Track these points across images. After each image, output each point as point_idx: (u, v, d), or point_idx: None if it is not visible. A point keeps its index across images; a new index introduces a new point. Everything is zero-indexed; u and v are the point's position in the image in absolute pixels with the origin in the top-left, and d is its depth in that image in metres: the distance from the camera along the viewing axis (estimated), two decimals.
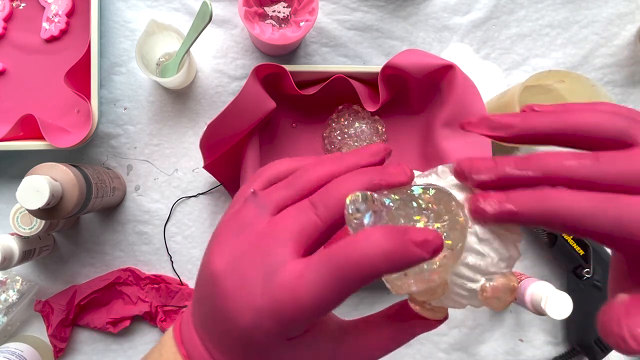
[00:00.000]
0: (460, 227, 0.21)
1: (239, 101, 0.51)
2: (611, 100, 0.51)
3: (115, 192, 0.57)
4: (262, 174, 0.26)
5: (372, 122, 0.60)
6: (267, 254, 0.21)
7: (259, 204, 0.23)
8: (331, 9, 0.63)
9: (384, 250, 0.19)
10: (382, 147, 0.25)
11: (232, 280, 0.22)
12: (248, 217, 0.23)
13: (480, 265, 0.22)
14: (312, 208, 0.22)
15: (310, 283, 0.20)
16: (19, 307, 0.59)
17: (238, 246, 0.23)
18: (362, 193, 0.21)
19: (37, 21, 0.61)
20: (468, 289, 0.22)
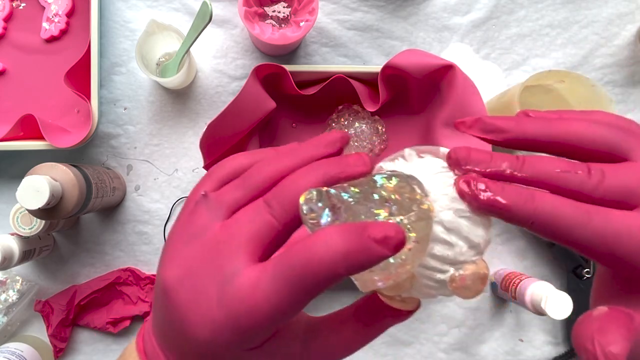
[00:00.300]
0: (426, 217, 0.20)
1: (239, 101, 0.51)
2: (611, 101, 0.51)
3: (115, 192, 0.57)
4: (213, 172, 0.24)
5: (372, 122, 0.60)
6: (220, 262, 0.20)
7: (210, 207, 0.22)
8: (331, 9, 0.63)
9: (342, 252, 0.18)
10: (339, 135, 0.23)
11: (185, 292, 0.20)
12: (199, 222, 0.22)
13: (449, 256, 0.21)
14: (267, 208, 0.20)
15: (266, 291, 0.19)
16: (19, 307, 0.59)
17: (189, 255, 0.21)
18: (316, 190, 0.19)
19: (37, 21, 0.61)
20: (437, 280, 0.21)
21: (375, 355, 0.62)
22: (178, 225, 0.23)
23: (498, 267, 0.62)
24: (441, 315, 0.62)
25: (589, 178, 0.19)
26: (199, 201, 0.22)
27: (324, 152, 0.23)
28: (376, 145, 0.60)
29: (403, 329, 0.62)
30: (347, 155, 0.22)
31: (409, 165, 0.22)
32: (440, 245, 0.21)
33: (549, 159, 0.20)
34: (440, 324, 0.62)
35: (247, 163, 0.24)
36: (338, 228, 0.18)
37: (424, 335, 0.62)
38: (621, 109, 0.63)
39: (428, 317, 0.62)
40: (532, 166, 0.20)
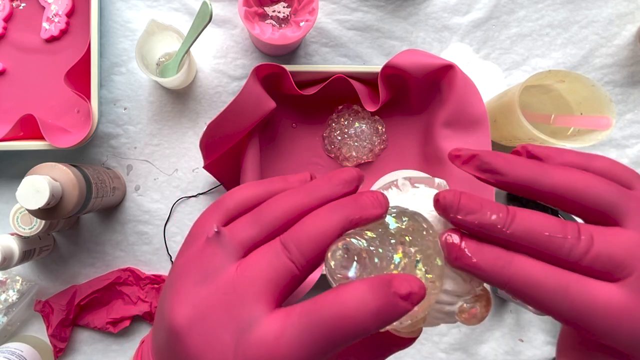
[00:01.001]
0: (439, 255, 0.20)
1: (239, 101, 0.51)
2: (611, 101, 0.51)
3: (115, 192, 0.57)
4: (222, 204, 0.23)
5: (372, 122, 0.60)
6: (237, 308, 0.19)
7: (224, 245, 0.21)
8: (331, 9, 0.63)
9: (372, 309, 0.18)
10: (355, 174, 0.23)
11: (198, 338, 0.19)
12: (212, 262, 0.21)
13: (457, 290, 0.21)
14: (285, 251, 0.20)
15: (291, 344, 0.18)
16: (19, 307, 0.59)
17: (203, 298, 0.20)
18: (342, 244, 0.19)
19: (37, 21, 0.61)
20: (446, 312, 0.22)
21: None
22: (186, 261, 0.22)
23: None
24: None
25: (577, 244, 0.19)
26: (212, 239, 0.21)
27: (341, 192, 0.22)
28: (376, 145, 0.60)
29: None
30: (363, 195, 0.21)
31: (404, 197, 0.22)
32: (450, 281, 0.21)
33: (540, 218, 0.20)
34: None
35: (257, 195, 0.23)
36: (366, 284, 0.18)
37: (424, 335, 0.62)
38: (621, 109, 0.63)
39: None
40: (520, 225, 0.19)
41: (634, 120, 0.63)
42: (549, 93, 0.57)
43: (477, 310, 0.21)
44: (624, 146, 0.63)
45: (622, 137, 0.63)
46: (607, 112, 0.51)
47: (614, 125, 0.50)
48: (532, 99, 0.58)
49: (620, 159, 0.63)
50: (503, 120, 0.55)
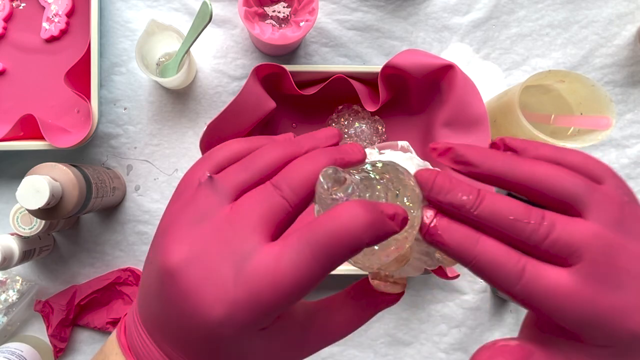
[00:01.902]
0: (416, 194, 0.22)
1: (239, 101, 0.51)
2: (611, 101, 0.51)
3: (115, 192, 0.57)
4: (212, 155, 0.24)
5: (372, 122, 0.60)
6: (234, 241, 0.20)
7: (216, 189, 0.21)
8: (331, 9, 0.63)
9: (364, 222, 0.19)
10: (335, 131, 0.25)
11: (195, 274, 0.20)
12: (206, 204, 0.21)
13: None
14: (277, 190, 0.21)
15: (291, 264, 0.19)
16: (19, 307, 0.59)
17: (198, 237, 0.20)
18: (333, 168, 0.20)
19: (37, 21, 0.61)
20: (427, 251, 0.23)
21: (376, 355, 0.62)
22: (177, 207, 0.22)
23: None
24: (441, 315, 0.62)
25: (538, 229, 0.20)
26: (204, 183, 0.22)
27: (324, 144, 0.24)
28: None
29: (403, 329, 0.62)
30: (344, 145, 0.23)
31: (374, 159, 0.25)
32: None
33: (506, 202, 0.21)
34: (440, 324, 0.62)
35: (245, 148, 0.24)
36: (358, 202, 0.19)
37: (424, 335, 0.62)
38: (621, 109, 0.63)
39: (428, 317, 0.62)
40: (488, 208, 0.21)
41: (634, 120, 0.63)
42: (549, 93, 0.57)
43: None
44: (624, 146, 0.63)
45: (622, 137, 0.63)
46: (607, 112, 0.51)
47: (614, 125, 0.50)
48: (532, 99, 0.58)
49: (620, 159, 0.63)
50: (503, 120, 0.55)
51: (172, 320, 0.21)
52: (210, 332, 0.20)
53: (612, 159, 0.63)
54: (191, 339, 0.21)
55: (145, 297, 0.23)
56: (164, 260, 0.21)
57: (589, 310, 0.20)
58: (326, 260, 0.19)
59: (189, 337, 0.21)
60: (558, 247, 0.20)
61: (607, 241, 0.20)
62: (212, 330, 0.20)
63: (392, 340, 0.62)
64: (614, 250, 0.20)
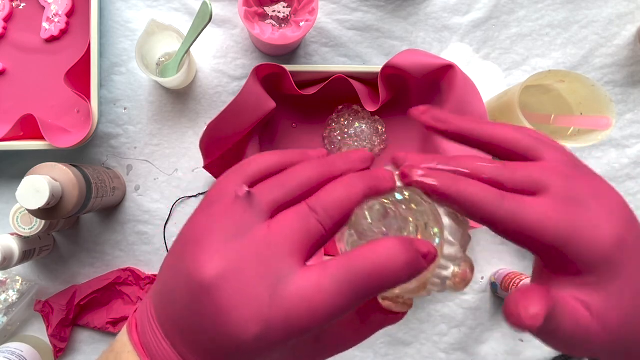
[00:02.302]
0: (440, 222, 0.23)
1: (239, 101, 0.51)
2: (611, 101, 0.51)
3: (115, 192, 0.57)
4: (245, 169, 0.24)
5: (372, 122, 0.60)
6: (271, 262, 0.20)
7: (252, 204, 0.22)
8: (331, 9, 0.63)
9: (404, 262, 0.20)
10: (368, 154, 0.25)
11: (230, 290, 0.20)
12: (243, 219, 0.21)
13: (452, 254, 0.24)
14: (313, 213, 0.21)
15: (328, 292, 0.20)
16: (19, 307, 0.59)
17: (234, 253, 0.21)
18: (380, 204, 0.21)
19: (37, 21, 0.61)
20: (441, 276, 0.24)
21: (376, 355, 0.62)
22: (212, 218, 0.22)
23: (498, 267, 0.62)
24: (441, 315, 0.62)
25: (504, 170, 0.23)
26: (242, 198, 0.22)
27: (357, 167, 0.24)
28: (376, 145, 0.60)
29: (403, 329, 0.62)
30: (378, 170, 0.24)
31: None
32: (447, 245, 0.23)
33: (474, 157, 0.24)
34: (440, 324, 0.62)
35: (277, 162, 0.24)
36: (397, 240, 0.20)
37: (424, 335, 0.62)
38: (621, 109, 0.63)
39: (428, 317, 0.62)
40: (457, 161, 0.24)
41: (634, 120, 0.63)
42: (549, 93, 0.57)
43: (467, 272, 0.24)
44: (624, 146, 0.63)
45: (622, 137, 0.63)
46: (607, 112, 0.51)
47: (614, 125, 0.50)
48: (532, 99, 0.58)
49: (620, 159, 0.63)
50: (503, 120, 0.55)
51: (199, 331, 0.21)
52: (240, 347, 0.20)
53: (612, 159, 0.63)
54: (216, 349, 0.21)
55: (168, 301, 0.23)
56: (197, 273, 0.21)
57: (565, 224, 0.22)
58: (363, 293, 0.20)
59: (214, 348, 0.21)
60: (525, 181, 0.23)
61: (565, 172, 0.23)
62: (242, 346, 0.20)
63: (392, 340, 0.62)
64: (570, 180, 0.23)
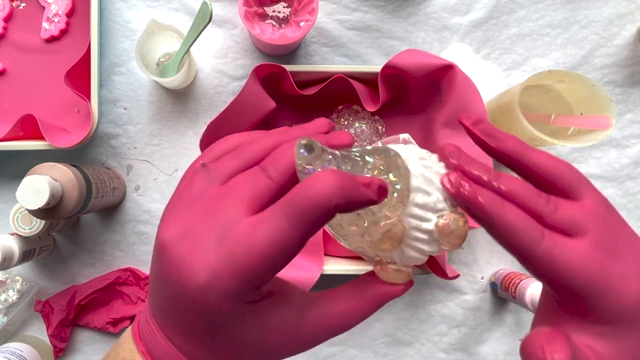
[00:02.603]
0: (403, 169, 0.23)
1: (239, 101, 0.51)
2: (611, 101, 0.51)
3: (115, 192, 0.57)
4: (211, 149, 0.25)
5: (372, 122, 0.60)
6: (219, 215, 0.21)
7: (209, 174, 0.23)
8: (331, 9, 0.63)
9: (335, 185, 0.19)
10: (327, 121, 0.26)
11: (182, 246, 0.21)
12: (198, 187, 0.23)
13: (429, 203, 0.23)
14: (263, 172, 0.22)
15: (267, 228, 0.20)
16: (19, 307, 0.59)
17: (188, 215, 0.22)
18: (308, 138, 0.21)
19: (37, 21, 0.61)
20: (424, 230, 0.23)
21: (376, 355, 0.62)
22: (176, 192, 0.24)
23: (498, 267, 0.62)
24: (441, 315, 0.62)
25: (547, 205, 0.23)
26: (198, 170, 0.23)
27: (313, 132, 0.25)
28: None
29: (403, 329, 0.62)
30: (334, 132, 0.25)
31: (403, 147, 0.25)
32: (420, 194, 0.23)
33: (519, 180, 0.24)
34: (440, 324, 0.62)
35: (242, 141, 0.25)
36: (332, 170, 0.20)
37: (424, 335, 0.62)
38: (621, 109, 0.63)
39: (428, 317, 0.62)
40: (506, 181, 0.23)
41: (634, 120, 0.63)
42: (549, 93, 0.57)
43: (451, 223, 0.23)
44: (624, 146, 0.63)
45: (622, 137, 0.63)
46: (607, 112, 0.51)
47: (614, 125, 0.50)
48: (532, 99, 0.58)
49: (621, 159, 0.63)
50: (503, 120, 0.55)
51: (165, 296, 0.22)
52: (196, 301, 0.21)
53: (612, 159, 0.63)
54: (183, 313, 0.22)
55: (151, 285, 0.24)
56: (158, 238, 0.22)
57: (599, 272, 0.21)
58: (299, 222, 0.19)
59: (180, 312, 0.22)
60: (566, 221, 0.22)
61: (606, 219, 0.23)
62: (197, 299, 0.21)
63: (392, 340, 0.62)
64: (611, 227, 0.23)
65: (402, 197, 0.22)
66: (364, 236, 0.23)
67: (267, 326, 0.22)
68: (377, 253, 0.24)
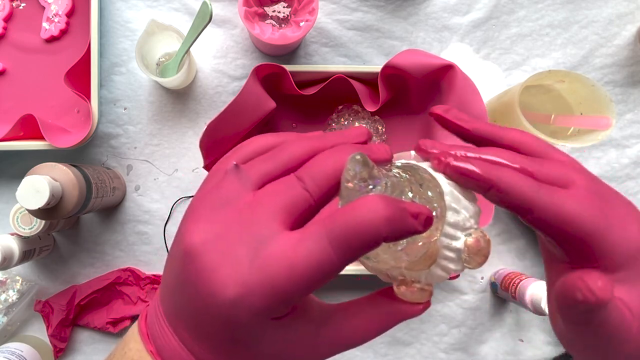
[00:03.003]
0: (439, 191, 0.23)
1: (239, 101, 0.51)
2: (611, 101, 0.51)
3: (115, 192, 0.57)
4: (241, 148, 0.24)
5: (372, 122, 0.60)
6: (253, 226, 0.20)
7: (241, 176, 0.22)
8: (331, 9, 0.63)
9: (385, 216, 0.19)
10: (366, 130, 0.25)
11: (213, 254, 0.20)
12: (230, 190, 0.22)
13: (459, 222, 0.23)
14: (299, 182, 0.21)
15: (307, 252, 0.19)
16: (19, 307, 0.59)
17: (219, 220, 0.21)
18: (362, 155, 0.20)
19: (37, 21, 0.61)
20: (453, 248, 0.23)
21: (376, 355, 0.62)
22: (204, 192, 0.23)
23: (498, 267, 0.62)
24: (441, 315, 0.62)
25: (533, 162, 0.24)
26: (229, 171, 0.22)
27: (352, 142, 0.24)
28: None
29: (403, 329, 0.62)
30: (372, 144, 0.24)
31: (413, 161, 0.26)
32: (451, 212, 0.23)
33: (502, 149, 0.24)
34: (440, 324, 0.62)
35: (273, 142, 0.24)
36: (380, 196, 0.19)
37: (424, 335, 0.62)
38: (621, 109, 0.63)
39: (428, 317, 0.62)
40: (490, 151, 0.24)
41: (634, 120, 0.63)
42: (549, 93, 0.57)
43: (480, 242, 0.23)
44: (624, 146, 0.63)
45: (622, 137, 0.63)
46: (607, 112, 0.51)
47: (614, 125, 0.50)
48: (532, 99, 0.58)
49: (620, 159, 0.63)
50: (503, 120, 0.55)
51: (188, 302, 0.21)
52: (223, 314, 0.20)
53: (612, 159, 0.63)
54: (205, 321, 0.21)
55: (167, 283, 0.23)
56: (185, 241, 0.21)
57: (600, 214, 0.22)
58: (343, 249, 0.19)
59: (203, 320, 0.21)
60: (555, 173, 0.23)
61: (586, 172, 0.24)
62: (223, 312, 0.20)
63: (392, 340, 0.62)
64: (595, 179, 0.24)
65: (441, 216, 0.22)
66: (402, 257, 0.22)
67: (286, 340, 0.22)
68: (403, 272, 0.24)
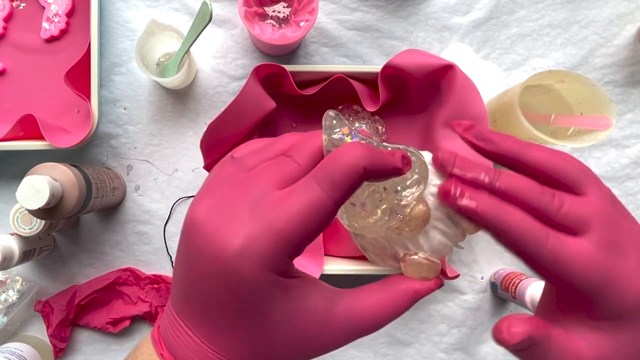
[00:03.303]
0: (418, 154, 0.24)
1: (239, 101, 0.51)
2: (611, 101, 0.51)
3: (115, 192, 0.57)
4: (239, 149, 0.26)
5: (372, 122, 0.60)
6: (251, 191, 0.22)
7: (237, 164, 0.24)
8: (331, 9, 0.63)
9: (364, 152, 0.21)
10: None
11: (215, 218, 0.21)
12: (227, 173, 0.24)
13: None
14: (289, 158, 0.23)
15: (299, 193, 0.21)
16: (19, 307, 0.59)
17: (219, 193, 0.23)
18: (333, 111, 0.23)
19: (37, 21, 0.61)
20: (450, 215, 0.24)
21: (376, 355, 0.62)
22: (205, 182, 0.25)
23: (498, 267, 0.62)
24: (441, 315, 0.62)
25: (552, 202, 0.22)
26: (228, 161, 0.25)
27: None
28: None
29: (403, 329, 0.62)
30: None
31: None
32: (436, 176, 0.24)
33: (521, 177, 0.23)
34: (440, 324, 0.62)
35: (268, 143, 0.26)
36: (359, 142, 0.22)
37: (424, 335, 0.62)
38: (621, 109, 0.63)
39: (428, 317, 0.62)
40: (507, 179, 0.23)
41: (634, 120, 0.63)
42: (549, 93, 0.57)
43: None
44: (624, 146, 0.63)
45: (622, 137, 0.63)
46: (607, 112, 0.51)
47: (614, 125, 0.50)
48: (532, 99, 0.58)
49: (620, 159, 0.63)
50: (503, 120, 0.55)
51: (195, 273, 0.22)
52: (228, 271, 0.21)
53: (612, 159, 0.63)
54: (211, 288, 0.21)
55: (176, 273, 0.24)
56: (188, 216, 0.23)
57: (603, 272, 0.21)
58: (330, 186, 0.21)
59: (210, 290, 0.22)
60: (571, 218, 0.22)
61: (610, 215, 0.22)
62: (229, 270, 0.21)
63: (392, 340, 0.62)
64: (615, 223, 0.22)
65: (422, 172, 0.23)
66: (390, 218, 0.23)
67: (297, 311, 0.22)
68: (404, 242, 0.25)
